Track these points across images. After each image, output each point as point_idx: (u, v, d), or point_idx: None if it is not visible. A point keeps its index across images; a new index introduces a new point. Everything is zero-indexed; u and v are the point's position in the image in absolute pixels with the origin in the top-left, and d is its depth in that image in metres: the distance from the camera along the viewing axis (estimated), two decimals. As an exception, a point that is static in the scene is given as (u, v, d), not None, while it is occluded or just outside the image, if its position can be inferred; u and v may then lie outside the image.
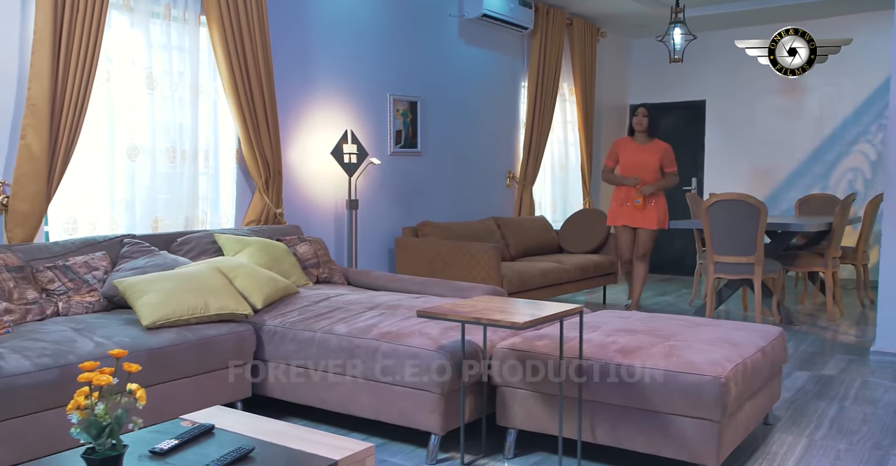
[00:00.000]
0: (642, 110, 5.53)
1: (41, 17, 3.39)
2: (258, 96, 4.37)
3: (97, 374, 1.66)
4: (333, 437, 2.03)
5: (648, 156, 5.48)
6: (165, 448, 1.90)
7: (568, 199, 7.51)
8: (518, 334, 2.89)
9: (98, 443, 1.66)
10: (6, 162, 3.46)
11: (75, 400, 1.64)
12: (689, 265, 8.10)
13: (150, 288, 3.04)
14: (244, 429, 2.08)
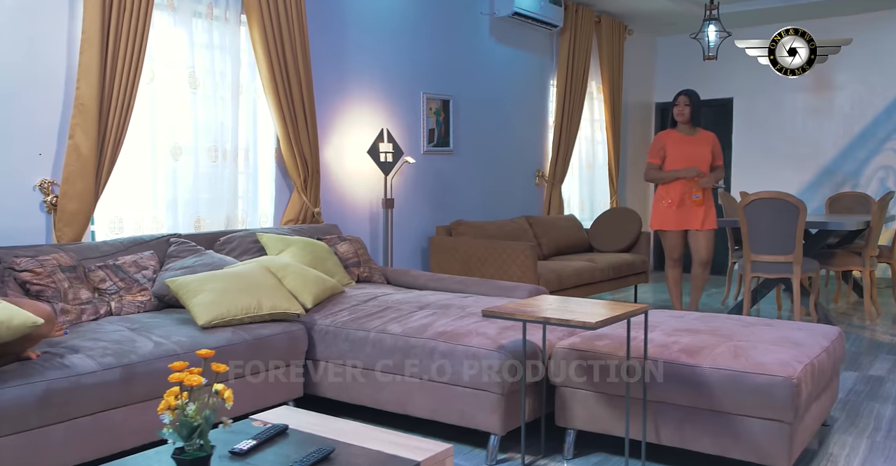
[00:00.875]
0: (683, 98, 4.92)
1: (89, 16, 3.40)
2: (297, 95, 4.36)
3: (187, 374, 1.65)
4: (410, 438, 2.02)
5: (699, 148, 4.91)
6: (245, 448, 1.89)
7: (595, 198, 7.48)
8: (576, 333, 2.87)
9: (188, 444, 1.65)
10: (55, 161, 3.47)
11: (166, 401, 1.64)
12: (717, 263, 8.03)
13: (202, 287, 3.03)
14: (317, 429, 2.07)
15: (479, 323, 2.97)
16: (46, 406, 2.29)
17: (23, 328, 2.21)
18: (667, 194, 4.93)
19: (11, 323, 2.19)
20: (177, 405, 1.63)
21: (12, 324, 2.19)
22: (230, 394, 1.71)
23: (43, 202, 3.43)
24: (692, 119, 4.91)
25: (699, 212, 4.86)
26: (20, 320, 2.21)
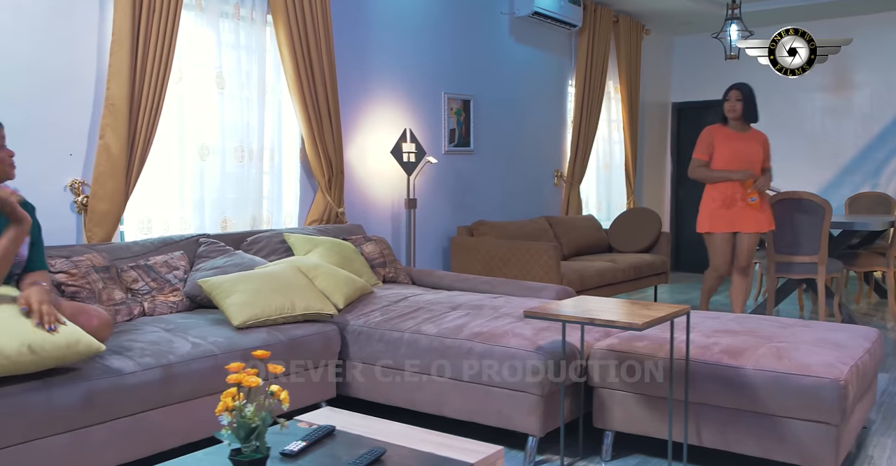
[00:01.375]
0: (734, 93, 4.47)
1: (119, 17, 3.39)
2: (322, 95, 4.35)
3: (245, 375, 1.64)
4: (459, 439, 2.01)
5: (750, 146, 4.48)
6: (295, 449, 1.88)
7: (612, 198, 7.46)
8: (613, 334, 2.86)
9: (245, 445, 1.64)
10: (85, 161, 3.47)
11: (224, 402, 1.63)
12: (733, 264, 8.01)
13: (236, 287, 3.03)
14: (363, 431, 2.06)
15: (514, 323, 2.96)
16: (89, 407, 2.29)
17: (87, 353, 2.23)
18: (718, 194, 4.47)
19: (77, 347, 2.20)
20: (234, 406, 1.62)
21: (78, 349, 2.20)
22: (286, 395, 1.70)
23: (73, 202, 3.43)
24: (745, 115, 4.47)
25: (752, 213, 4.46)
26: (85, 345, 2.22)
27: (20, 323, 2.14)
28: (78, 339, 2.22)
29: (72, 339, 2.20)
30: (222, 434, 1.64)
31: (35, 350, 2.10)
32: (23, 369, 2.11)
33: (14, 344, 2.07)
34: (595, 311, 2.41)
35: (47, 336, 2.15)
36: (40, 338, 2.13)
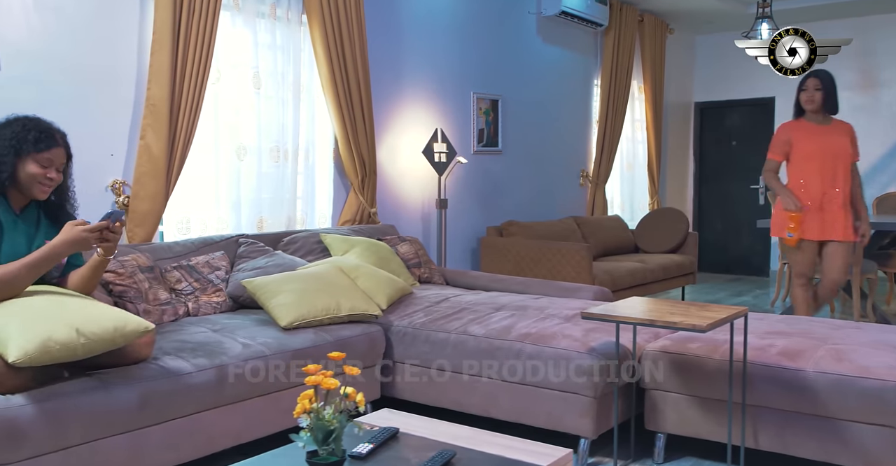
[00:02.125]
0: (812, 81, 3.98)
1: (160, 18, 3.39)
2: (355, 95, 4.34)
3: (323, 377, 1.63)
4: (525, 442, 1.99)
5: (836, 140, 3.97)
6: (364, 452, 1.86)
7: (635, 199, 7.43)
8: (664, 336, 2.83)
9: (323, 448, 1.63)
10: (125, 162, 3.47)
11: (301, 404, 1.62)
12: (756, 264, 7.98)
13: (281, 288, 3.02)
14: (426, 433, 2.04)
15: (562, 324, 2.94)
16: (147, 407, 2.28)
17: (135, 334, 2.21)
18: (805, 194, 3.95)
19: (126, 329, 2.18)
20: (312, 408, 1.61)
21: (126, 330, 2.18)
22: (361, 398, 1.68)
23: (115, 203, 3.43)
24: (825, 106, 3.99)
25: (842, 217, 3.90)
26: (133, 326, 2.21)
27: (65, 310, 2.13)
28: (125, 321, 2.20)
29: (119, 322, 2.18)
30: (300, 436, 1.62)
31: (84, 333, 2.08)
32: (77, 354, 2.08)
33: (64, 330, 2.06)
34: (653, 313, 2.39)
35: (93, 319, 2.12)
36: (88, 321, 2.11)
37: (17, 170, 2.27)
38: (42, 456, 2.05)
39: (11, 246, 2.25)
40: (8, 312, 2.07)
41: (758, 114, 7.92)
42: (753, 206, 7.99)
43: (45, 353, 2.00)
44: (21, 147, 2.25)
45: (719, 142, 8.24)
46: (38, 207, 2.41)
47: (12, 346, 1.97)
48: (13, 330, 2.00)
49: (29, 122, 2.30)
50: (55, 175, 2.32)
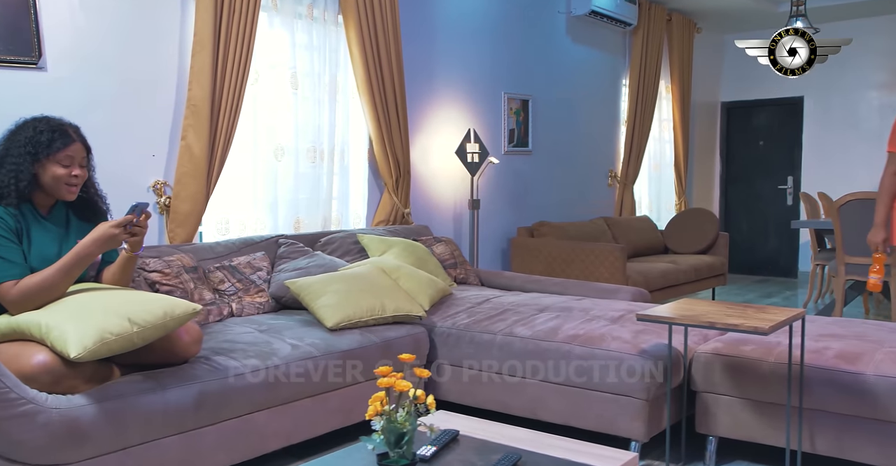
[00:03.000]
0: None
1: (201, 18, 3.39)
2: (390, 96, 4.34)
3: (395, 379, 1.62)
4: (587, 445, 1.97)
5: None
6: (428, 455, 1.85)
7: (662, 199, 7.38)
8: (714, 338, 2.80)
9: (395, 451, 1.61)
10: (167, 162, 3.48)
11: (374, 406, 1.61)
12: (784, 265, 7.91)
13: (325, 289, 3.01)
14: (486, 435, 2.03)
15: (609, 326, 2.91)
16: (201, 408, 2.28)
17: (185, 316, 2.20)
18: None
19: (175, 312, 2.17)
20: (383, 410, 1.60)
21: (176, 314, 2.17)
22: (432, 400, 1.67)
23: (156, 203, 3.44)
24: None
25: None
26: (182, 309, 2.19)
27: (112, 302, 2.13)
28: (173, 305, 2.19)
29: (167, 306, 2.17)
30: (372, 439, 1.61)
31: (136, 321, 2.07)
32: (134, 342, 2.08)
33: (116, 321, 2.05)
34: (710, 315, 2.36)
35: (142, 307, 2.11)
36: (137, 309, 2.10)
37: (39, 175, 2.22)
38: (103, 456, 2.05)
39: (40, 249, 2.24)
40: (58, 311, 2.08)
41: (786, 113, 7.85)
42: (781, 207, 7.93)
43: (103, 345, 2.00)
44: (37, 151, 2.19)
45: (746, 143, 8.17)
46: (66, 206, 2.37)
47: (71, 342, 1.97)
48: (68, 327, 2.00)
49: (39, 123, 2.24)
50: (79, 171, 2.26)
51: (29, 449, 1.90)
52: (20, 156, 2.19)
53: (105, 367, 2.17)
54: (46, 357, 2.00)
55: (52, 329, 2.00)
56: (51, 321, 2.01)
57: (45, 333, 2.01)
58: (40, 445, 1.91)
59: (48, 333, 2.00)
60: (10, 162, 2.19)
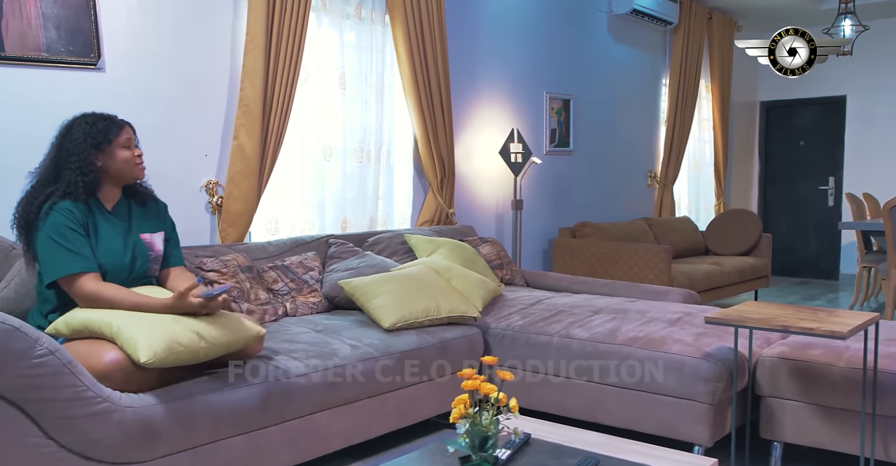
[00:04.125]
0: None
1: (253, 17, 3.40)
2: (436, 96, 4.32)
3: (479, 382, 1.60)
4: (664, 450, 1.93)
5: None
6: (504, 458, 1.83)
7: (700, 199, 7.29)
8: (779, 341, 2.75)
9: (479, 454, 1.59)
10: (219, 162, 3.49)
11: (458, 409, 1.59)
12: (824, 267, 7.78)
13: (380, 289, 3.00)
14: (558, 439, 2.00)
15: (668, 328, 2.87)
16: (266, 408, 2.28)
17: (249, 338, 2.24)
18: None
19: (241, 333, 2.21)
20: (467, 413, 1.58)
21: (241, 335, 2.21)
22: (515, 403, 1.65)
23: (208, 203, 3.46)
24: None
25: None
26: (247, 331, 2.24)
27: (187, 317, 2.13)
28: (241, 325, 2.23)
29: (235, 326, 2.21)
30: (456, 441, 1.59)
31: (204, 336, 2.10)
32: (199, 357, 2.09)
33: (186, 333, 2.07)
34: (781, 318, 2.31)
35: (214, 325, 2.14)
36: (205, 325, 2.12)
37: (106, 165, 2.26)
38: (173, 455, 2.06)
39: (107, 244, 2.26)
40: (132, 317, 2.08)
41: (828, 113, 7.72)
42: (822, 208, 7.79)
43: (171, 355, 2.01)
44: (99, 141, 2.24)
45: (786, 142, 8.05)
46: (126, 198, 2.40)
47: (141, 347, 1.98)
48: (139, 332, 2.01)
49: (88, 118, 2.29)
50: (139, 151, 2.34)
51: (104, 447, 1.90)
52: (83, 152, 2.23)
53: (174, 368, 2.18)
54: (118, 355, 2.01)
55: (123, 330, 2.01)
56: (123, 323, 2.02)
57: (115, 333, 2.02)
58: (115, 443, 1.92)
59: (119, 334, 2.01)
60: (73, 160, 2.23)
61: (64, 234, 2.14)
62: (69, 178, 2.21)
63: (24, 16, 2.80)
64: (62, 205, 2.18)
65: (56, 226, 2.14)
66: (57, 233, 2.14)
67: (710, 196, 7.35)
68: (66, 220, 2.16)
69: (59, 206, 2.17)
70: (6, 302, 2.31)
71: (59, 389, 1.81)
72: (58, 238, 2.13)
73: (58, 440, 1.83)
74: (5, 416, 1.74)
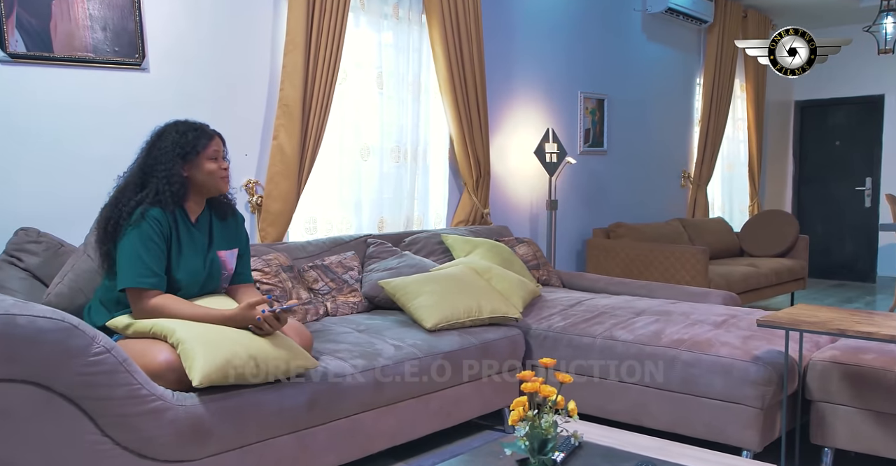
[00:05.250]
0: None
1: (294, 18, 3.41)
2: (472, 96, 4.31)
3: (538, 384, 1.58)
4: (718, 455, 1.90)
5: None
6: (559, 460, 1.81)
7: (734, 200, 7.20)
8: (830, 345, 2.70)
9: (539, 457, 1.58)
10: (258, 162, 3.50)
11: (517, 412, 1.57)
12: (862, 270, 7.64)
13: (421, 290, 3.00)
14: (610, 442, 1.97)
15: (714, 330, 2.83)
16: (314, 408, 2.28)
17: (300, 369, 2.21)
18: None
19: (292, 363, 2.18)
20: (526, 416, 1.56)
21: (292, 365, 2.18)
22: (573, 406, 1.63)
23: (248, 202, 3.47)
24: None
25: None
26: (300, 362, 2.20)
27: (243, 336, 2.12)
28: (295, 356, 2.19)
29: (290, 356, 2.18)
30: (515, 444, 1.58)
31: (259, 362, 2.09)
32: (246, 381, 2.08)
33: (243, 356, 2.06)
34: (836, 322, 2.26)
35: (271, 351, 2.11)
36: (264, 353, 2.10)
37: (192, 175, 2.26)
38: (224, 454, 2.07)
39: (187, 262, 2.25)
40: (195, 329, 2.07)
41: (865, 112, 7.58)
42: (858, 209, 7.66)
43: (223, 378, 2.01)
44: (186, 151, 2.23)
45: (821, 142, 7.92)
46: (209, 210, 2.39)
47: (196, 369, 1.96)
48: (199, 351, 1.99)
49: (179, 126, 2.28)
50: (226, 164, 2.33)
51: (158, 445, 1.91)
52: (170, 161, 2.22)
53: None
54: (171, 355, 2.02)
55: (184, 342, 2.00)
56: (185, 334, 2.02)
57: (175, 342, 2.02)
58: (168, 441, 1.93)
59: (179, 344, 2.01)
60: (160, 169, 2.22)
61: (147, 246, 2.13)
62: (156, 186, 2.20)
63: (72, 17, 2.83)
64: (152, 213, 2.17)
65: (142, 235, 2.13)
66: (141, 242, 2.13)
67: (743, 196, 7.25)
68: (152, 231, 2.15)
69: (150, 214, 2.16)
70: (60, 298, 2.33)
71: (115, 387, 1.83)
72: (141, 248, 2.13)
73: (113, 437, 1.85)
74: (65, 414, 1.76)
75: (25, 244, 2.46)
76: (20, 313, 1.69)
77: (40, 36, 2.73)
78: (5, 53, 2.64)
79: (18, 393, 1.69)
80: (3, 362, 1.65)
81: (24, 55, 2.70)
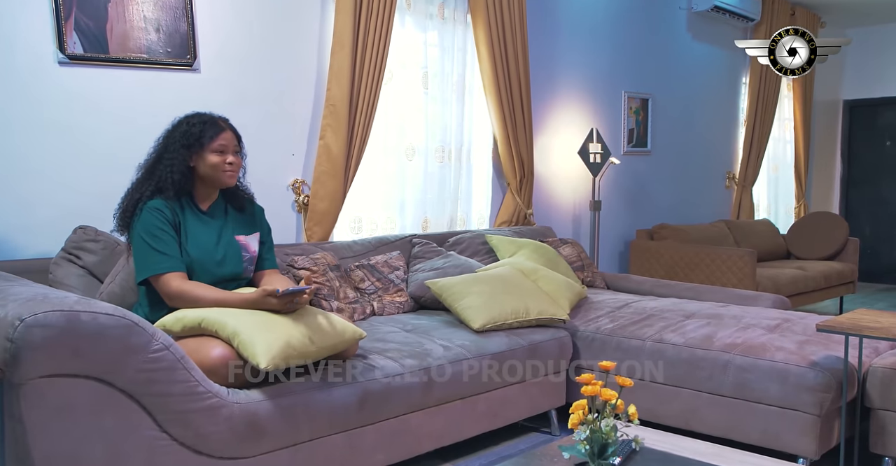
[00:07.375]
0: None
1: (341, 18, 3.42)
2: (516, 96, 4.28)
3: (598, 388, 1.56)
4: (776, 462, 1.85)
5: None
6: (616, 464, 1.78)
7: (780, 201, 7.05)
8: (884, 351, 2.62)
9: (599, 462, 1.55)
10: (305, 161, 3.53)
11: (577, 415, 1.55)
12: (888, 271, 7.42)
13: (468, 290, 2.98)
14: (666, 447, 1.94)
15: (768, 335, 2.77)
16: (363, 407, 2.28)
17: (352, 340, 2.27)
18: None
19: (345, 335, 2.24)
20: (586, 420, 1.54)
21: (345, 337, 2.25)
22: (634, 410, 1.60)
23: (295, 201, 3.50)
24: None
25: None
26: (350, 333, 2.27)
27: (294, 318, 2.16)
28: (344, 328, 2.26)
29: (339, 329, 2.24)
30: (575, 448, 1.56)
31: (314, 340, 2.14)
32: (306, 360, 2.14)
33: (298, 337, 2.10)
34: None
35: (321, 327, 2.18)
36: (313, 329, 2.16)
37: (197, 167, 2.30)
38: (277, 451, 2.08)
39: (198, 238, 2.29)
40: (244, 316, 2.09)
41: (916, 112, 7.36)
42: None
43: (284, 359, 2.03)
44: (191, 143, 2.27)
45: (871, 143, 7.71)
46: (224, 202, 2.43)
47: (260, 353, 1.98)
48: (258, 337, 2.02)
49: (192, 118, 2.33)
50: (233, 159, 2.33)
51: (214, 442, 1.93)
52: (176, 151, 2.28)
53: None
54: (225, 350, 2.03)
55: (240, 333, 2.03)
56: (239, 325, 2.04)
57: (230, 335, 2.04)
58: (224, 438, 1.94)
59: (234, 336, 2.03)
60: (167, 158, 2.28)
61: (154, 234, 2.19)
62: (161, 174, 2.27)
63: (127, 19, 2.88)
64: (152, 204, 2.22)
65: (146, 227, 2.19)
66: (147, 233, 2.19)
67: (790, 198, 7.11)
68: (155, 220, 2.20)
69: (149, 206, 2.22)
70: (112, 297, 2.37)
71: (173, 384, 1.85)
72: (148, 238, 2.18)
73: (171, 433, 1.87)
74: (126, 409, 1.79)
75: (83, 242, 2.51)
76: (84, 310, 1.71)
77: (97, 37, 2.79)
78: (64, 55, 2.70)
79: (82, 389, 1.72)
80: (67, 358, 1.68)
81: (82, 56, 2.75)
